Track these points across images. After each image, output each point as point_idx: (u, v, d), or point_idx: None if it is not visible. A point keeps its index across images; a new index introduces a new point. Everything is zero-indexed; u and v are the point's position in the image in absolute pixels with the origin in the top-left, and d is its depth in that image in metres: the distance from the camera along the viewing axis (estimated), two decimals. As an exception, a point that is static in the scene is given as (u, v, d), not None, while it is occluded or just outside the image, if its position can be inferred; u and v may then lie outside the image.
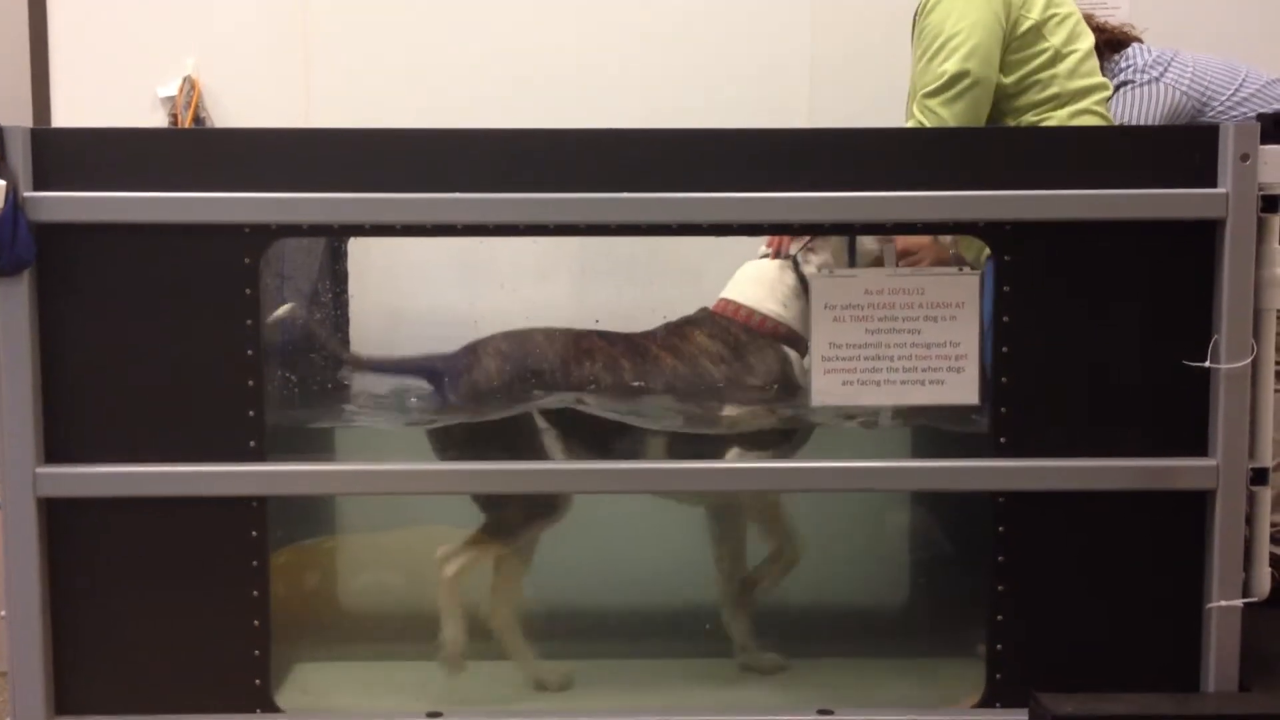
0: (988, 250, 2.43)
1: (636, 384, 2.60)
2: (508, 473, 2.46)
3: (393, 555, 2.96)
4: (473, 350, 2.63)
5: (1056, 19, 2.80)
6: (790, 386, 2.63)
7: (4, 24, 3.35)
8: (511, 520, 2.63)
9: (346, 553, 3.01)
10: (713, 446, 2.59)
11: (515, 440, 2.57)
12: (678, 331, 2.68)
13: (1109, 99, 2.89)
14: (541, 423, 2.57)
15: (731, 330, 2.66)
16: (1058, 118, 2.77)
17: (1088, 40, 2.86)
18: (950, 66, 2.71)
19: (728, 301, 2.70)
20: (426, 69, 3.48)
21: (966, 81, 2.70)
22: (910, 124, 2.80)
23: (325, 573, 2.96)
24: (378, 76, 3.47)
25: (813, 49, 3.53)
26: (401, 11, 3.49)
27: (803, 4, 3.54)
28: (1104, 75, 2.95)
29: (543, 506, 2.59)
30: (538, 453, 2.56)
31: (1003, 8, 2.75)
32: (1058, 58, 2.78)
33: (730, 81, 3.49)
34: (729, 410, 2.63)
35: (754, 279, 2.70)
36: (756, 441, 2.60)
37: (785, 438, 2.62)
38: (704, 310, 2.72)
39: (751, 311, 2.66)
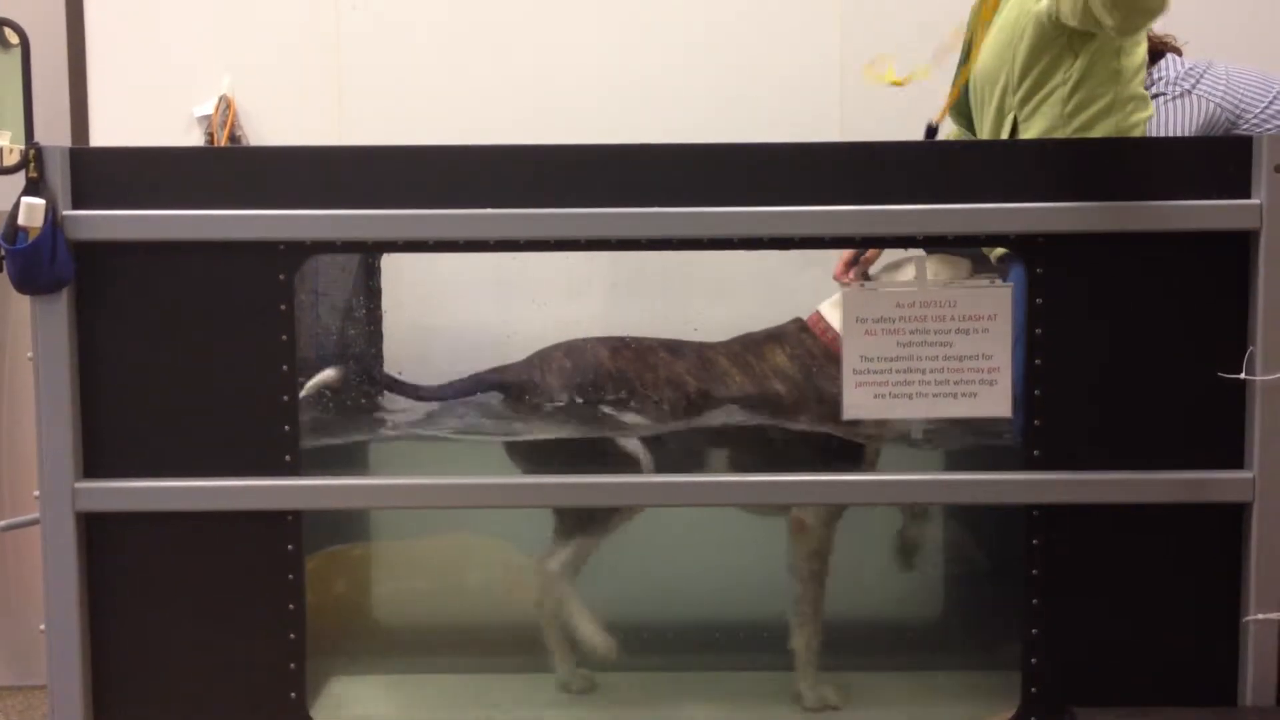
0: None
1: (699, 401, 2.58)
2: (538, 487, 2.48)
3: (427, 563, 2.98)
4: (540, 360, 2.64)
5: None
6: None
7: (43, 43, 3.39)
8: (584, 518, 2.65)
9: (380, 559, 3.02)
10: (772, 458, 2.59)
11: (581, 452, 2.58)
12: (755, 347, 2.64)
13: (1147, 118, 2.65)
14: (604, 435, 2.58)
15: (814, 352, 2.60)
16: (1101, 128, 2.54)
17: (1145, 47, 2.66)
18: None
19: (820, 317, 2.63)
20: (457, 87, 3.50)
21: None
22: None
23: (358, 579, 2.97)
24: (409, 95, 3.49)
25: (842, 59, 3.53)
26: (433, 31, 3.51)
27: (831, 16, 3.53)
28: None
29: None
30: (603, 461, 2.58)
31: None
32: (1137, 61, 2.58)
33: (761, 95, 3.49)
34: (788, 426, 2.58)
35: None
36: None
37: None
38: (797, 321, 2.66)
39: (838, 335, 2.50)
